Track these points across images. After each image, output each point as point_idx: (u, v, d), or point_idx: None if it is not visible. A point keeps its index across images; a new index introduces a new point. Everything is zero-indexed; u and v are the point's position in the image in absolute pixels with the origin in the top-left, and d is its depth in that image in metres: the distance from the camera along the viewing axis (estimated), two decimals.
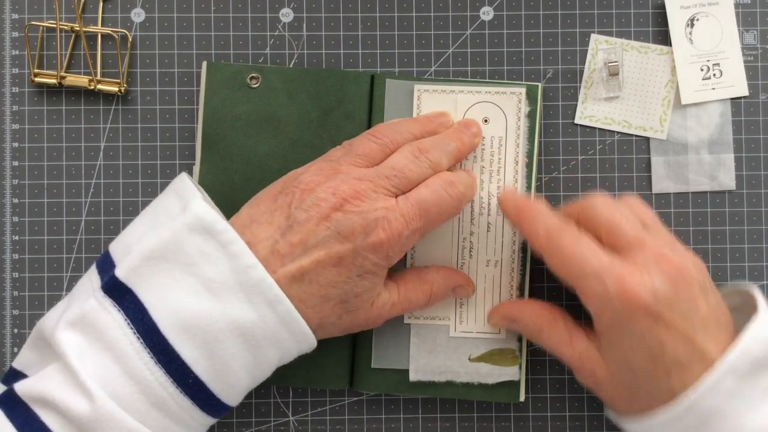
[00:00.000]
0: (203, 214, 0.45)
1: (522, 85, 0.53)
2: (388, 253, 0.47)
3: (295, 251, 0.45)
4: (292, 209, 0.46)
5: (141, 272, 0.45)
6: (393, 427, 0.55)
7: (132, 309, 0.44)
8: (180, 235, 0.45)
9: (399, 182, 0.47)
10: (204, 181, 0.53)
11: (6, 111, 0.56)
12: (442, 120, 0.52)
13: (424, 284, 0.51)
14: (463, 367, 0.53)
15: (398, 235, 0.46)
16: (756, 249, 0.56)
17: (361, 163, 0.48)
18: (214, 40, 0.56)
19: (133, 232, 0.48)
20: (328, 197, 0.46)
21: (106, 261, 0.48)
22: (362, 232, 0.46)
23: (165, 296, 0.44)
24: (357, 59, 0.56)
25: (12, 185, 0.55)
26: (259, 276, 0.44)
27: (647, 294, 0.45)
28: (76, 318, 0.44)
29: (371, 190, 0.46)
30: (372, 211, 0.46)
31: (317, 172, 0.47)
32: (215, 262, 0.44)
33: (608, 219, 0.48)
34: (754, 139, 0.56)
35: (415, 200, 0.47)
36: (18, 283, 0.55)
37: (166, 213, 0.47)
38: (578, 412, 0.55)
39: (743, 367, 0.45)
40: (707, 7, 0.56)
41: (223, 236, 0.45)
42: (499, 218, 0.53)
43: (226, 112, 0.53)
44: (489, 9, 0.56)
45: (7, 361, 0.55)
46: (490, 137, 0.53)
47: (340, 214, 0.46)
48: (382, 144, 0.49)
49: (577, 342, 0.49)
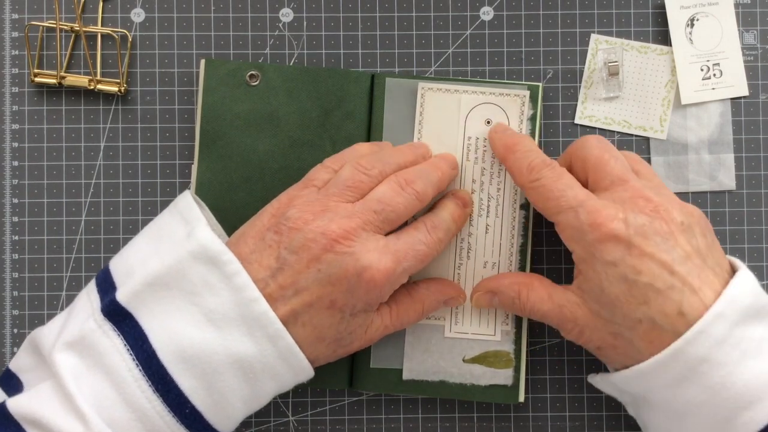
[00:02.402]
0: (209, 243, 0.45)
1: (524, 86, 0.53)
2: (381, 293, 0.47)
3: (286, 294, 0.45)
4: (281, 249, 0.46)
5: (143, 298, 0.45)
6: (393, 427, 0.55)
7: (132, 335, 0.44)
8: (184, 262, 0.45)
9: (387, 217, 0.47)
10: (202, 179, 0.53)
11: (6, 111, 0.56)
12: (422, 151, 0.52)
13: (416, 302, 0.51)
14: (456, 367, 0.53)
15: (390, 275, 0.46)
16: (756, 249, 0.55)
17: (350, 197, 0.47)
18: (214, 40, 0.56)
19: (136, 252, 0.48)
20: (318, 238, 0.45)
21: (106, 280, 0.47)
22: (354, 274, 0.45)
23: (166, 324, 0.44)
24: (357, 59, 0.56)
25: (12, 185, 0.55)
26: (262, 310, 0.44)
27: (618, 223, 0.45)
28: (75, 339, 0.44)
29: (361, 229, 0.46)
30: (364, 252, 0.45)
31: (305, 207, 0.47)
32: (218, 293, 0.44)
33: (597, 156, 0.48)
34: (754, 139, 0.56)
35: (407, 241, 0.47)
36: (18, 283, 0.55)
37: (171, 237, 0.47)
38: (578, 412, 0.55)
39: (733, 314, 0.44)
40: (707, 7, 0.55)
41: (228, 267, 0.45)
42: (497, 220, 0.53)
43: (225, 110, 0.53)
44: (489, 9, 0.56)
45: (7, 361, 0.55)
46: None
47: (331, 255, 0.45)
48: (371, 177, 0.48)
49: (555, 295, 0.49)
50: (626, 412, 0.54)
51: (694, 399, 0.45)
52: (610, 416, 0.55)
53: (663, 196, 0.47)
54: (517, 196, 0.53)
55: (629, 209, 0.46)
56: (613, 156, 0.49)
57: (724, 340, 0.44)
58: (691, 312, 0.44)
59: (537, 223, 0.55)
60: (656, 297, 0.45)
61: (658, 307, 0.45)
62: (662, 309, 0.45)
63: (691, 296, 0.45)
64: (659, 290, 0.45)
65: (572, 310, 0.48)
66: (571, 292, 0.48)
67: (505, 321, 0.53)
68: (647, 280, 0.45)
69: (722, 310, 0.44)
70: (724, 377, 0.44)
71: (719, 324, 0.44)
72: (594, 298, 0.47)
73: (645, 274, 0.45)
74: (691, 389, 0.45)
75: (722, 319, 0.44)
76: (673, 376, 0.45)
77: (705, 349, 0.44)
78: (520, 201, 0.53)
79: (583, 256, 0.47)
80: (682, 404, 0.45)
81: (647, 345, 0.45)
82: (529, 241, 0.53)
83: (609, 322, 0.47)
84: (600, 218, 0.46)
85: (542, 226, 0.55)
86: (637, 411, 0.50)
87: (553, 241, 0.55)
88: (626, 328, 0.46)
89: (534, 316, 0.50)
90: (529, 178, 0.49)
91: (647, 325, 0.45)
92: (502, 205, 0.53)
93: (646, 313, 0.45)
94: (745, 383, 0.44)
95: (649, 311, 0.45)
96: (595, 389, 0.55)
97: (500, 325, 0.53)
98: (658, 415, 0.48)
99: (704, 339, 0.44)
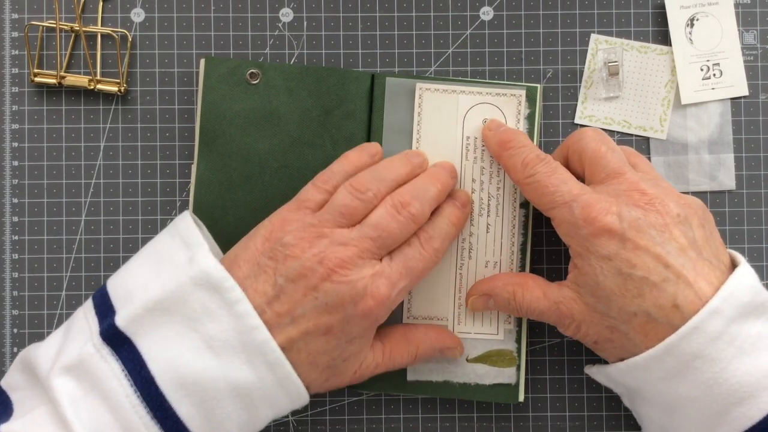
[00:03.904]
0: (211, 269, 0.44)
1: (522, 86, 0.53)
2: (377, 317, 0.47)
3: (282, 321, 0.45)
4: (277, 277, 0.45)
5: (142, 323, 0.44)
6: (393, 427, 0.55)
7: (130, 360, 0.43)
8: (185, 288, 0.44)
9: (383, 242, 0.47)
10: (202, 177, 0.53)
11: (6, 111, 0.56)
12: (418, 161, 0.51)
13: (410, 345, 0.51)
14: (460, 367, 0.53)
15: (387, 299, 0.46)
16: (756, 249, 0.56)
17: (344, 223, 0.47)
18: (214, 39, 0.56)
19: (135, 275, 0.47)
20: (315, 266, 0.45)
21: (104, 302, 0.46)
22: (351, 302, 0.45)
23: (165, 350, 0.44)
24: (357, 59, 0.56)
25: (12, 185, 0.55)
26: (263, 338, 0.44)
27: (612, 217, 0.45)
28: (73, 363, 0.44)
29: (357, 257, 0.46)
30: (360, 279, 0.45)
31: (300, 234, 0.46)
32: (219, 319, 0.44)
33: (594, 150, 0.48)
34: (754, 139, 0.56)
35: (400, 261, 0.47)
36: (18, 283, 0.55)
37: (172, 261, 0.46)
38: (578, 412, 0.55)
39: (730, 310, 0.44)
40: (707, 7, 0.56)
41: (230, 294, 0.44)
42: (498, 219, 0.53)
43: (225, 108, 0.53)
44: (489, 9, 0.56)
45: (6, 361, 0.55)
46: None
47: (328, 284, 0.45)
48: (365, 200, 0.47)
49: (550, 293, 0.49)
50: (626, 412, 0.55)
51: (687, 394, 0.45)
52: (610, 416, 0.55)
53: (659, 189, 0.47)
54: (517, 195, 0.53)
55: (623, 202, 0.46)
56: (610, 148, 0.49)
57: (719, 337, 0.44)
58: (686, 305, 0.44)
59: (537, 223, 0.55)
60: (651, 290, 0.45)
61: (652, 300, 0.45)
62: (657, 302, 0.45)
63: (685, 289, 0.45)
64: (654, 283, 0.45)
65: (569, 306, 0.48)
66: (567, 287, 0.48)
67: (507, 320, 0.53)
68: (642, 273, 0.45)
69: (718, 306, 0.44)
70: (717, 373, 0.44)
71: (714, 320, 0.44)
72: (590, 292, 0.47)
73: (639, 267, 0.45)
74: (684, 384, 0.45)
75: (718, 316, 0.44)
76: (667, 370, 0.45)
77: (699, 345, 0.44)
78: (520, 200, 0.53)
79: (578, 251, 0.47)
80: (675, 398, 0.46)
81: (643, 338, 0.46)
82: (529, 240, 0.53)
83: (605, 316, 0.47)
84: (594, 212, 0.46)
85: (542, 225, 0.55)
86: (632, 403, 0.51)
87: (554, 240, 0.55)
88: (622, 322, 0.46)
89: (531, 316, 0.50)
90: (523, 174, 0.49)
91: (642, 318, 0.45)
92: (503, 204, 0.53)
93: (641, 306, 0.45)
94: (738, 379, 0.44)
95: (644, 304, 0.45)
96: (595, 389, 0.55)
97: (503, 324, 0.53)
98: (652, 408, 0.48)
99: (698, 335, 0.44)
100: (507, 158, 0.50)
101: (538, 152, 0.49)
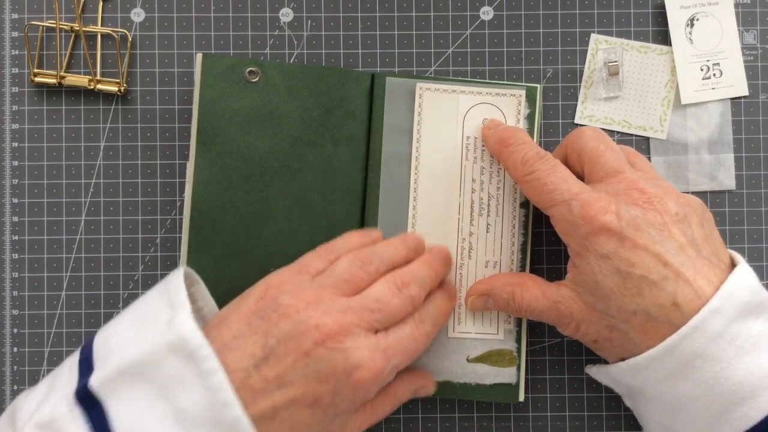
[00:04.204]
0: (188, 335, 0.42)
1: (522, 86, 0.53)
2: (368, 392, 0.45)
3: (269, 387, 0.42)
4: (269, 338, 0.43)
5: (115, 385, 0.42)
6: (393, 427, 0.55)
7: (98, 426, 0.41)
8: (161, 353, 0.42)
9: (382, 317, 0.45)
10: (200, 177, 0.53)
11: (6, 111, 0.56)
12: (414, 244, 0.51)
13: (389, 396, 0.50)
14: (461, 367, 0.53)
15: (381, 372, 0.44)
16: (756, 249, 0.56)
17: (345, 291, 0.46)
18: (214, 39, 0.56)
19: (119, 333, 0.45)
20: (310, 330, 0.43)
21: (87, 359, 0.45)
22: (344, 372, 0.43)
23: (133, 418, 0.41)
24: (357, 59, 0.56)
25: (12, 185, 0.55)
26: (234, 415, 0.41)
27: (610, 216, 0.45)
28: (45, 421, 0.42)
29: (355, 325, 0.44)
30: (355, 349, 0.43)
31: (297, 295, 0.44)
32: (191, 389, 0.41)
33: (593, 148, 0.48)
34: (754, 139, 0.56)
35: (395, 338, 0.46)
36: (18, 283, 0.55)
37: (154, 321, 0.44)
38: (578, 412, 0.55)
39: (730, 310, 0.44)
40: (707, 6, 0.56)
41: (205, 364, 0.41)
42: (498, 219, 0.53)
43: (223, 107, 0.53)
44: (489, 9, 0.56)
45: (6, 361, 0.55)
46: None
47: (322, 350, 0.43)
48: (368, 273, 0.47)
49: (549, 292, 0.49)
50: (626, 412, 0.55)
51: (688, 393, 0.45)
52: (610, 416, 0.55)
53: (659, 188, 0.47)
54: (517, 195, 0.53)
55: (622, 201, 0.46)
56: (609, 147, 0.49)
57: (720, 336, 0.44)
58: (686, 303, 0.44)
59: (537, 223, 0.55)
60: (650, 289, 0.45)
61: (652, 298, 0.45)
62: (656, 300, 0.45)
63: (685, 287, 0.45)
64: (653, 282, 0.45)
65: (568, 305, 0.48)
66: (565, 287, 0.48)
67: (507, 320, 0.53)
68: (640, 272, 0.45)
69: (719, 306, 0.44)
70: (718, 373, 0.44)
71: (715, 320, 0.44)
72: (589, 291, 0.47)
73: (638, 266, 0.45)
74: (685, 384, 0.45)
75: (718, 315, 0.44)
76: (668, 370, 0.45)
77: (700, 344, 0.44)
78: (520, 199, 0.53)
79: (577, 250, 0.47)
80: (676, 398, 0.45)
81: (643, 337, 0.46)
82: (529, 240, 0.53)
83: (604, 315, 0.47)
84: (592, 211, 0.46)
85: (542, 225, 0.55)
86: (633, 403, 0.51)
87: (554, 240, 0.55)
88: (621, 321, 0.46)
89: (530, 316, 0.50)
90: (523, 171, 0.49)
91: (642, 317, 0.45)
92: (502, 204, 0.53)
93: (640, 305, 0.45)
94: (739, 379, 0.44)
95: (644, 303, 0.45)
96: (595, 389, 0.55)
97: (503, 324, 0.53)
98: (654, 408, 0.48)
99: (699, 335, 0.44)
100: (506, 156, 0.50)
101: (538, 149, 0.49)
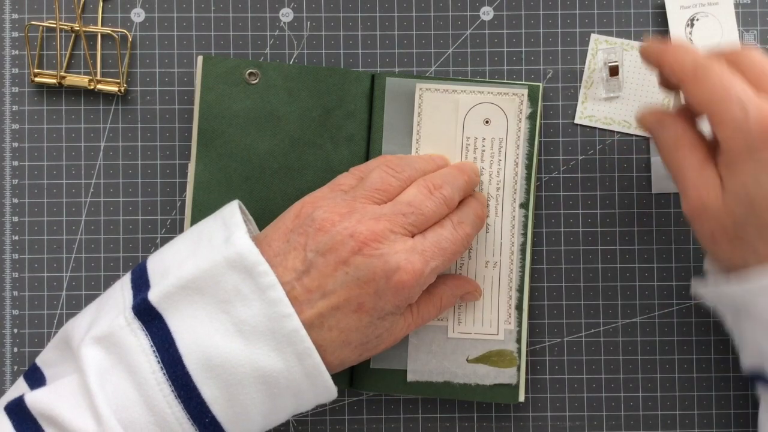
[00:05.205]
0: (246, 252, 0.44)
1: (524, 86, 0.53)
2: (410, 294, 0.46)
3: (312, 297, 0.44)
4: (307, 252, 0.45)
5: (174, 300, 0.44)
6: (393, 427, 0.55)
7: (159, 336, 0.43)
8: (219, 268, 0.44)
9: (416, 219, 0.47)
10: (201, 178, 0.53)
11: (6, 111, 0.56)
12: (443, 162, 0.52)
13: (434, 298, 0.51)
14: (460, 368, 0.53)
15: (419, 275, 0.46)
16: None
17: (378, 199, 0.47)
18: (214, 39, 0.56)
19: (174, 252, 0.47)
20: (346, 240, 0.45)
21: (141, 277, 0.46)
22: (383, 276, 0.45)
23: (194, 329, 0.43)
24: (357, 59, 0.56)
25: (12, 185, 0.55)
26: (293, 327, 0.43)
27: None
28: (103, 334, 0.44)
29: (389, 231, 0.45)
30: (392, 254, 0.45)
31: (331, 209, 0.46)
32: (250, 304, 0.44)
33: (761, 63, 0.46)
34: None
35: (433, 240, 0.47)
36: (18, 283, 0.55)
37: (210, 240, 0.46)
38: (578, 412, 0.55)
39: None
40: (707, 7, 0.56)
41: (263, 279, 0.44)
42: (498, 219, 0.53)
43: (224, 108, 0.53)
44: (489, 9, 0.56)
45: (6, 361, 0.55)
46: (491, 139, 0.53)
47: (360, 257, 0.44)
48: (400, 180, 0.48)
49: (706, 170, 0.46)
50: (626, 412, 0.55)
51: None
52: (610, 416, 0.55)
53: None
54: (516, 195, 0.53)
55: None
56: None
57: None
58: None
59: (537, 223, 0.55)
60: None
61: None
62: None
63: None
64: None
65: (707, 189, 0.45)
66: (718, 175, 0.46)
67: (507, 320, 0.53)
68: None
69: None
70: None
71: None
72: (734, 194, 0.44)
73: None
74: None
75: None
76: None
77: None
78: (519, 200, 0.53)
79: (737, 151, 0.44)
80: None
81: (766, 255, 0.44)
82: (529, 240, 0.53)
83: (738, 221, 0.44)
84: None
85: (543, 225, 0.55)
86: (735, 321, 0.49)
87: (553, 240, 0.55)
88: (754, 232, 0.44)
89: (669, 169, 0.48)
90: (694, 71, 0.45)
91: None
92: (502, 204, 0.53)
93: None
94: None
95: None
96: (595, 389, 0.55)
97: (503, 324, 0.53)
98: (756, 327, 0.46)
99: None
100: (672, 59, 0.47)
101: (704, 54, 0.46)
